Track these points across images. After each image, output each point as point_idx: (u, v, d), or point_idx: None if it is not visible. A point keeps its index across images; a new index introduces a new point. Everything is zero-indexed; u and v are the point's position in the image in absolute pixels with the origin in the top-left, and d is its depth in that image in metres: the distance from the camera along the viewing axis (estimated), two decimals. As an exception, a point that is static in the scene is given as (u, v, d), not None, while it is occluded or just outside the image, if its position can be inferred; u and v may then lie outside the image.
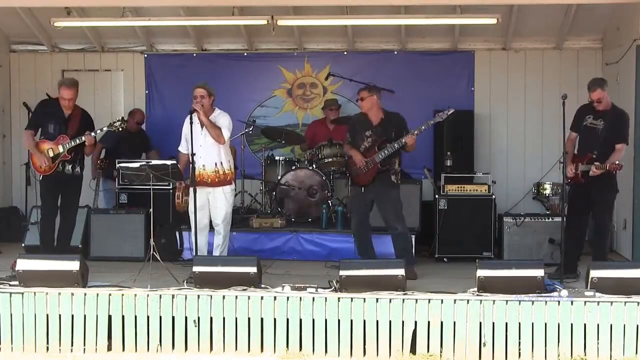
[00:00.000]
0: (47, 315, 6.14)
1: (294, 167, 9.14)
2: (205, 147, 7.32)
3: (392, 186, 7.58)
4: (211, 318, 6.04)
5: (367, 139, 7.59)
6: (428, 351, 5.88)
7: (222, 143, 7.46)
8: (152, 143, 9.86)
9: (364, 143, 7.61)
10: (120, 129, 7.70)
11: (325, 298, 5.99)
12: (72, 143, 7.56)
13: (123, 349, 6.09)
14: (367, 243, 7.69)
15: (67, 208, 7.89)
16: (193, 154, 7.13)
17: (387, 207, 7.54)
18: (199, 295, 6.07)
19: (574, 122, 7.41)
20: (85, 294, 6.14)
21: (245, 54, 10.40)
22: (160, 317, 6.08)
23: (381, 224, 7.70)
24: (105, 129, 7.73)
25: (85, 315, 6.12)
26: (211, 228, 7.62)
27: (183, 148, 7.58)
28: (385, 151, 7.43)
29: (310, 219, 9.02)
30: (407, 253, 7.43)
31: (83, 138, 7.54)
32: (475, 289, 6.04)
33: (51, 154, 7.59)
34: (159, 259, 6.88)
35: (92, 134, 7.61)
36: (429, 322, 5.90)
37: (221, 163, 7.45)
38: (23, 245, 8.59)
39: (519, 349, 5.83)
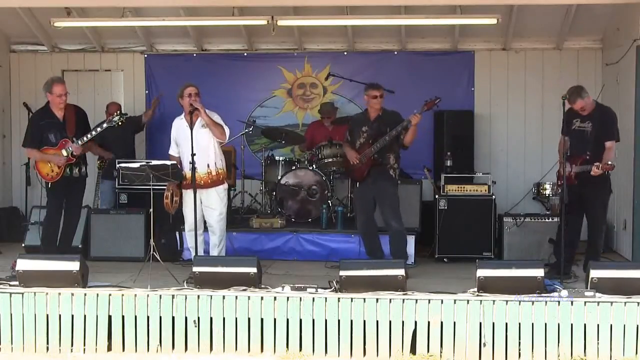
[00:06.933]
0: (47, 315, 6.14)
1: (294, 167, 9.14)
2: (197, 149, 7.23)
3: (391, 181, 7.59)
4: (211, 318, 6.04)
5: (362, 134, 7.64)
6: (428, 351, 5.88)
7: (224, 140, 7.48)
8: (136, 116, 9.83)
9: (359, 139, 7.64)
10: (120, 124, 7.63)
11: (325, 298, 6.00)
12: (70, 149, 7.53)
13: (123, 349, 6.09)
14: (375, 243, 7.68)
15: (72, 208, 7.87)
16: (193, 154, 7.12)
17: (384, 203, 7.55)
18: (199, 296, 6.07)
19: (563, 126, 7.44)
20: (85, 294, 6.14)
21: (245, 54, 10.40)
22: (160, 317, 6.08)
23: (382, 223, 7.71)
24: (105, 125, 7.69)
25: (85, 316, 6.12)
26: (206, 228, 7.62)
27: (174, 151, 7.58)
28: (378, 144, 7.45)
29: (310, 219, 9.01)
30: (401, 252, 7.42)
31: (70, 149, 7.50)
32: (475, 289, 6.04)
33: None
34: (159, 259, 6.89)
35: (78, 142, 7.53)
36: (429, 322, 5.90)
37: (215, 164, 7.44)
38: (23, 245, 8.59)
39: (519, 349, 5.83)
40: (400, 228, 7.58)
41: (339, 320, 5.96)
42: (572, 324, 5.81)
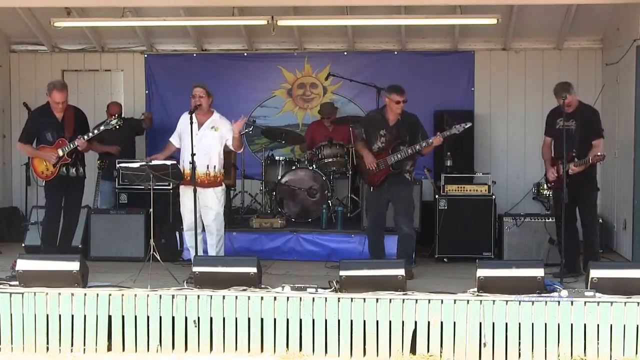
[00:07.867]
0: (47, 315, 6.14)
1: (294, 167, 9.14)
2: (199, 149, 7.24)
3: (407, 184, 7.55)
4: (211, 318, 6.04)
5: (380, 138, 7.51)
6: (428, 351, 5.88)
7: (239, 151, 7.65)
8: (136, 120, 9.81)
9: (377, 142, 7.53)
10: (117, 127, 7.64)
11: (325, 298, 6.00)
12: (71, 146, 7.55)
13: (123, 349, 6.09)
14: (378, 243, 7.65)
15: (70, 209, 7.87)
16: (193, 154, 7.11)
17: (399, 206, 7.52)
18: (199, 296, 6.07)
19: (547, 128, 7.54)
20: (85, 294, 6.14)
21: (245, 54, 10.40)
22: (160, 317, 6.08)
23: (392, 224, 7.69)
24: (102, 128, 7.69)
25: (85, 316, 6.12)
26: (204, 228, 7.61)
27: (175, 140, 7.59)
28: (398, 155, 7.39)
29: (310, 219, 9.01)
30: (407, 255, 7.42)
31: (76, 143, 7.53)
32: (475, 289, 6.04)
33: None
34: (159, 259, 6.89)
35: (84, 137, 7.54)
36: (429, 322, 5.90)
37: (214, 167, 7.45)
38: (23, 245, 8.59)
39: (519, 349, 5.83)
40: (410, 232, 7.57)
41: (339, 320, 5.96)
42: (572, 324, 5.81)
